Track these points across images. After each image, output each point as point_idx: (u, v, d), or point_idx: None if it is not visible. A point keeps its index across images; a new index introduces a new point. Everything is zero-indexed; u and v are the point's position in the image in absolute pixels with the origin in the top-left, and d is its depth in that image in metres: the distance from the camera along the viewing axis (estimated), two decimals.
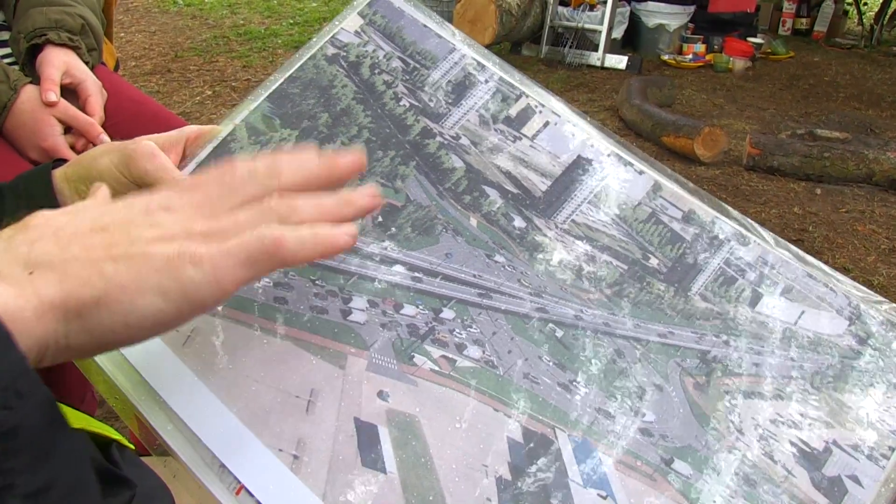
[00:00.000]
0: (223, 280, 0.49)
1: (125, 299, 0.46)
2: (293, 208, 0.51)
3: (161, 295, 0.47)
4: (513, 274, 0.62)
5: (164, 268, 0.47)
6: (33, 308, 0.43)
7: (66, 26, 1.33)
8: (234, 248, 0.49)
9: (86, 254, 0.46)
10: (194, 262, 0.48)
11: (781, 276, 0.65)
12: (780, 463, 0.57)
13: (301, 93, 0.68)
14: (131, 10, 6.16)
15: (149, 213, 0.50)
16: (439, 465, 0.53)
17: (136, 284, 0.46)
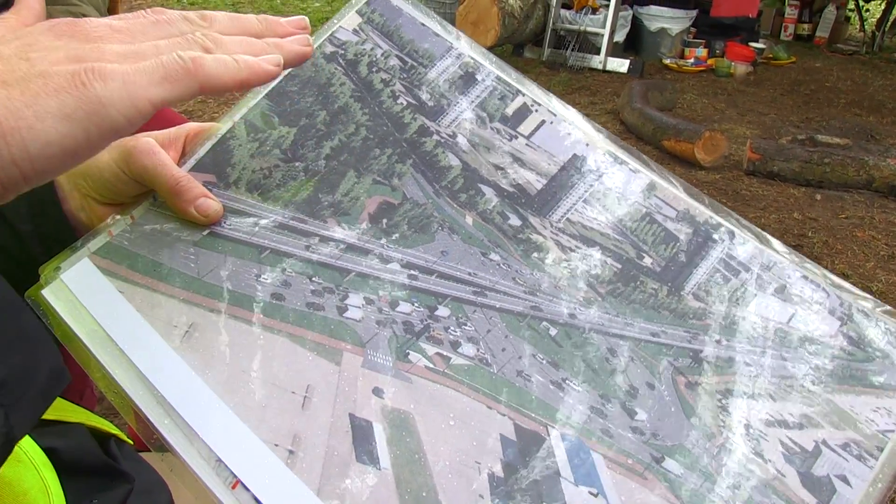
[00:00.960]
0: (136, 97, 0.47)
1: (23, 126, 0.44)
2: (218, 41, 0.51)
3: (64, 118, 0.45)
4: (507, 272, 0.63)
5: (66, 86, 0.45)
6: None
7: None
8: (149, 66, 0.47)
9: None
10: (102, 77, 0.46)
11: (774, 277, 0.65)
12: (771, 462, 0.58)
13: (299, 90, 0.69)
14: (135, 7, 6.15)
15: (57, 36, 0.48)
16: (433, 462, 0.53)
17: (31, 109, 0.44)
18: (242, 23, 0.54)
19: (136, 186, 0.63)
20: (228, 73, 0.49)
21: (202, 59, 0.48)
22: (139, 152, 0.62)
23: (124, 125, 0.47)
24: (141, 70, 0.47)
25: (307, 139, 0.67)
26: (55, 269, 0.59)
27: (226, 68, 0.49)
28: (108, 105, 0.46)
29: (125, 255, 0.60)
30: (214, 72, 0.49)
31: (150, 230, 0.62)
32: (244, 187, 0.64)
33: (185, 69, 0.48)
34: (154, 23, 0.51)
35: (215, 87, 0.50)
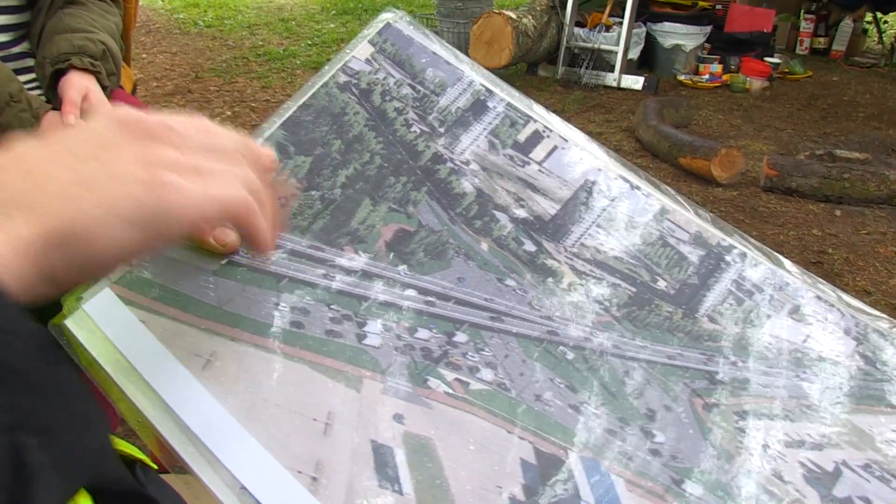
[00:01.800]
0: (197, 218, 0.49)
1: (97, 230, 0.45)
2: (259, 191, 0.53)
3: (132, 224, 0.46)
4: (524, 297, 0.63)
5: (139, 194, 0.46)
6: (13, 248, 0.42)
7: (88, 52, 1.37)
8: (218, 193, 0.49)
9: (57, 183, 0.45)
10: (177, 191, 0.47)
11: (788, 297, 0.66)
12: (791, 483, 0.58)
13: (314, 120, 0.70)
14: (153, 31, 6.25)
15: (125, 133, 0.49)
16: (454, 487, 0.54)
17: (106, 214, 0.45)
18: (270, 158, 0.57)
19: None
20: (264, 231, 0.52)
21: (255, 210, 0.51)
22: None
23: (177, 238, 0.50)
24: (209, 195, 0.49)
25: (323, 168, 0.68)
26: (77, 299, 0.60)
27: (265, 227, 0.52)
28: (172, 219, 0.48)
29: (145, 284, 0.61)
30: (260, 225, 0.52)
31: (170, 259, 0.62)
32: None
33: (245, 210, 0.51)
34: (208, 135, 0.53)
35: (253, 235, 0.53)
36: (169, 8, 7.26)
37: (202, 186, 0.49)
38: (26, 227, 0.43)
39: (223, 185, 0.50)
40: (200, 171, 0.50)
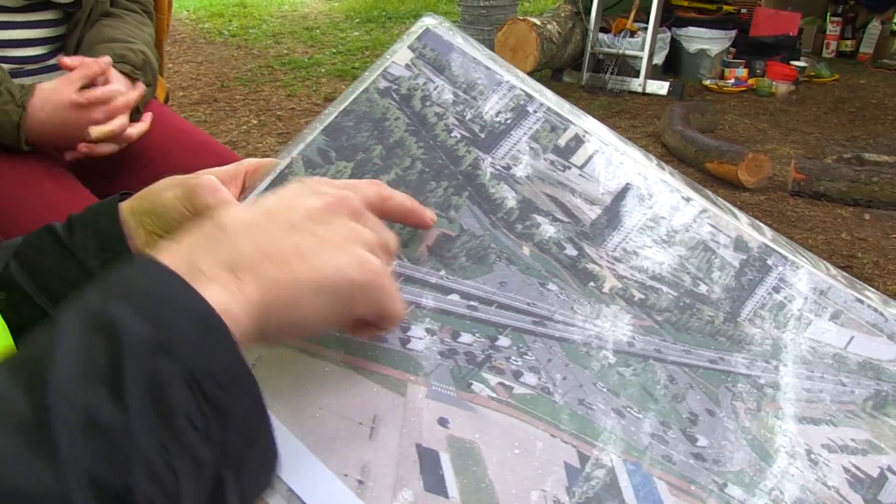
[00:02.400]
0: (388, 306, 0.54)
1: (310, 299, 0.50)
2: None
3: (339, 298, 0.51)
4: (566, 302, 0.63)
5: (351, 273, 0.51)
6: (239, 305, 0.46)
7: (129, 61, 1.40)
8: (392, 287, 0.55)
9: (280, 253, 0.50)
10: (376, 273, 0.53)
11: (830, 301, 0.65)
12: (834, 488, 0.57)
13: (355, 126, 0.70)
14: (178, 41, 6.30)
15: (329, 211, 0.54)
16: (500, 490, 0.54)
17: (318, 286, 0.50)
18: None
19: None
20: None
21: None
22: (202, 189, 0.64)
23: (360, 316, 0.54)
24: (391, 288, 0.55)
25: (364, 173, 0.68)
26: None
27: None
28: (371, 299, 0.53)
29: None
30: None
31: None
32: None
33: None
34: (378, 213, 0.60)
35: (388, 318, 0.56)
36: (194, 18, 7.32)
37: (388, 271, 0.55)
38: (254, 290, 0.48)
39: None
40: (374, 249, 0.55)
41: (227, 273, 0.48)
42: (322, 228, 0.52)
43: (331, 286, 0.50)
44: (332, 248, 0.51)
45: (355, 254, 0.52)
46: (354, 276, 0.51)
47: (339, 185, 0.58)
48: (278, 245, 0.50)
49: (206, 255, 0.48)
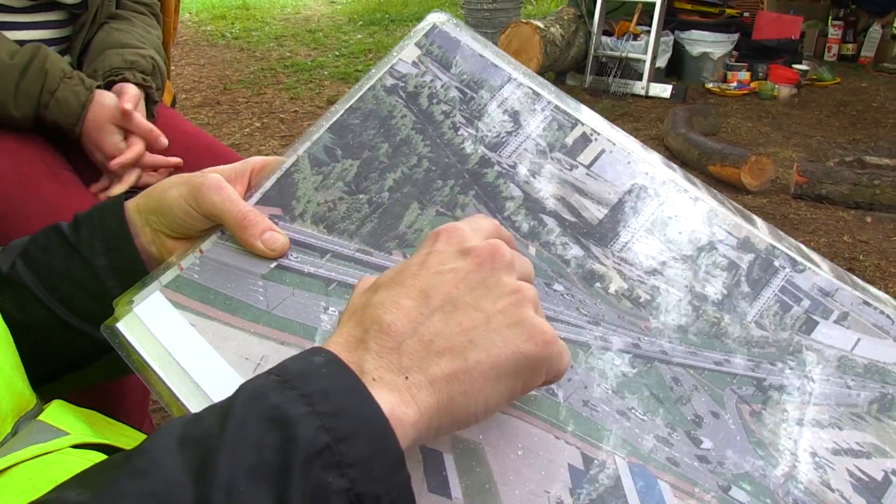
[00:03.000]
0: (563, 370, 0.53)
1: (488, 387, 0.48)
2: None
3: (517, 376, 0.49)
4: (571, 302, 0.63)
5: (525, 348, 0.49)
6: (412, 415, 0.45)
7: (140, 67, 1.41)
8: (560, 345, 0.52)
9: (448, 345, 0.47)
10: (553, 339, 0.50)
11: (836, 304, 0.65)
12: (838, 492, 0.57)
13: (361, 123, 0.70)
14: (181, 43, 6.30)
15: (484, 271, 0.51)
16: (503, 492, 0.54)
17: (496, 371, 0.48)
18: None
19: (204, 221, 0.65)
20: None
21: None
22: (207, 188, 0.64)
23: (538, 386, 0.52)
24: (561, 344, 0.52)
25: (370, 171, 0.68)
26: (128, 303, 0.61)
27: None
28: (549, 369, 0.51)
29: (196, 288, 0.61)
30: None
31: (219, 263, 0.63)
32: (309, 220, 0.65)
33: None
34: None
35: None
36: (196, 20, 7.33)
37: (558, 339, 0.52)
38: (427, 395, 0.46)
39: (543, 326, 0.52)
40: (538, 306, 0.53)
41: (398, 377, 0.46)
42: (483, 298, 0.50)
43: (509, 367, 0.48)
44: (501, 323, 0.49)
45: (527, 324, 0.49)
46: (531, 351, 0.49)
47: (472, 228, 0.55)
48: (444, 333, 0.48)
49: (372, 357, 0.46)
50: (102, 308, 0.62)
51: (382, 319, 0.48)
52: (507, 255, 0.52)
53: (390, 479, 0.42)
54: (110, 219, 0.68)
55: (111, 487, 0.38)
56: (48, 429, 0.57)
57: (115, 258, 0.67)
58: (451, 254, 0.52)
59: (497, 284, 0.50)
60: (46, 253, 0.68)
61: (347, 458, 0.40)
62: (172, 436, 0.41)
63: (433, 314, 0.48)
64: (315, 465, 0.40)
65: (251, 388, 0.43)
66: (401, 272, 0.52)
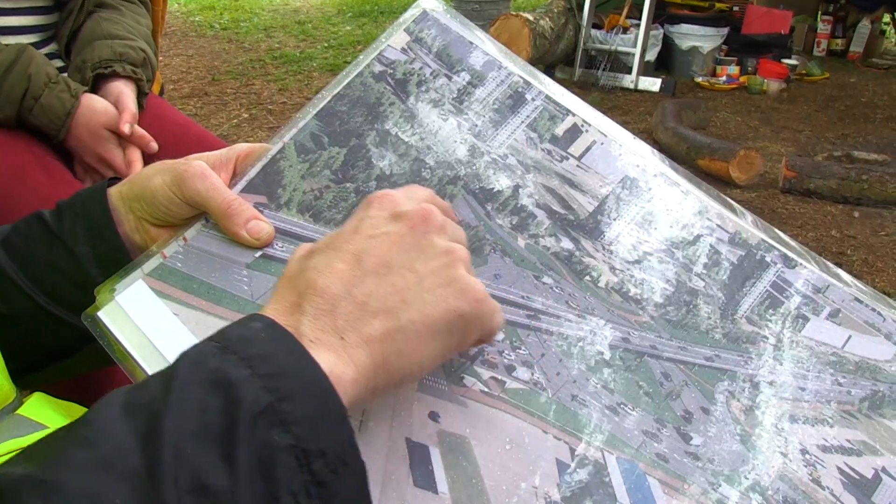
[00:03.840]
0: (497, 327, 0.54)
1: (422, 345, 0.49)
2: None
3: (450, 334, 0.50)
4: (560, 296, 0.62)
5: (458, 305, 0.50)
6: (351, 374, 0.46)
7: (129, 59, 1.40)
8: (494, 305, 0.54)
9: (382, 304, 0.48)
10: (484, 297, 0.52)
11: (828, 300, 0.65)
12: (828, 489, 0.57)
13: (349, 110, 0.69)
14: (169, 34, 6.26)
15: (417, 233, 0.52)
16: (490, 487, 0.53)
17: (430, 330, 0.49)
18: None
19: (188, 209, 0.64)
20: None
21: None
22: (191, 176, 0.63)
23: (472, 345, 0.54)
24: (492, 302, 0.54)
25: (357, 160, 0.67)
26: (110, 291, 0.60)
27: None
28: (482, 326, 0.53)
29: (179, 277, 0.60)
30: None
31: (203, 252, 0.62)
32: (295, 208, 0.64)
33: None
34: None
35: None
36: (185, 10, 7.29)
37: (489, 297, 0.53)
38: (363, 354, 0.47)
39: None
40: (469, 267, 0.54)
41: (334, 338, 0.47)
42: (416, 259, 0.51)
43: (442, 326, 0.49)
44: (434, 282, 0.50)
45: (459, 283, 0.51)
46: (464, 309, 0.50)
47: (406, 196, 0.56)
48: (377, 294, 0.49)
49: (308, 320, 0.47)
50: (85, 297, 0.62)
51: (317, 283, 0.49)
52: (439, 219, 0.54)
53: (335, 434, 0.42)
54: (93, 206, 0.67)
55: (58, 457, 0.38)
56: (27, 423, 0.56)
57: (97, 246, 0.66)
58: (383, 218, 0.53)
59: (429, 246, 0.52)
60: (28, 241, 0.67)
61: (291, 416, 0.41)
62: (116, 404, 0.41)
63: (367, 276, 0.49)
64: (260, 424, 0.40)
65: (192, 354, 0.44)
66: (335, 238, 0.53)
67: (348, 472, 0.42)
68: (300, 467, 0.40)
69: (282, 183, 0.65)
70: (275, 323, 0.46)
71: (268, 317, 0.47)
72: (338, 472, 0.41)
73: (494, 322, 0.53)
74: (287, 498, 0.39)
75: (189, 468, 0.38)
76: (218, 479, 0.38)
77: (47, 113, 1.29)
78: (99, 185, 0.69)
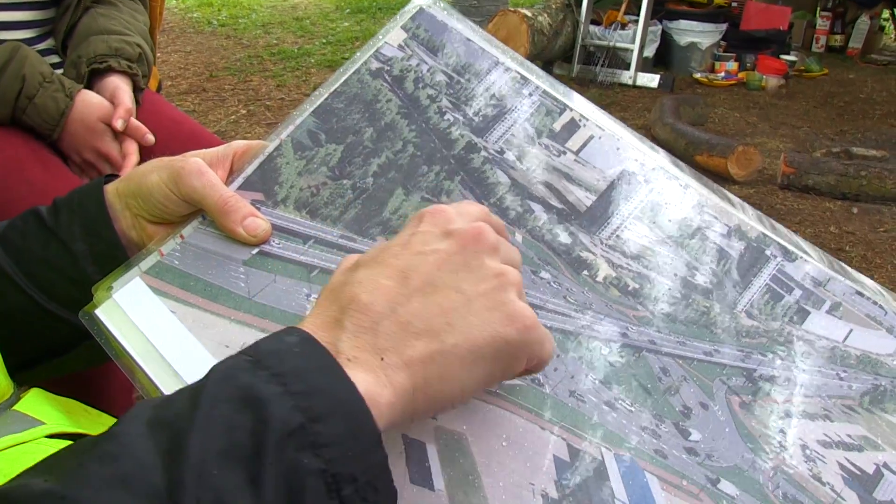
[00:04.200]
0: (547, 358, 0.52)
1: (465, 371, 0.47)
2: None
3: (495, 361, 0.48)
4: (558, 290, 0.62)
5: (504, 332, 0.48)
6: (388, 396, 0.44)
7: (125, 55, 1.40)
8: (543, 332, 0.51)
9: (425, 325, 0.47)
10: (535, 325, 0.50)
11: (829, 294, 0.64)
12: (829, 485, 0.56)
13: (346, 107, 0.69)
14: (167, 30, 6.25)
15: (467, 253, 0.50)
16: (487, 483, 0.53)
17: (474, 355, 0.47)
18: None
19: (185, 206, 0.64)
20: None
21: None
22: (188, 173, 0.63)
23: (518, 372, 0.52)
24: (545, 331, 0.51)
25: (354, 156, 0.67)
26: (108, 289, 0.60)
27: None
28: (530, 355, 0.50)
29: (176, 274, 0.60)
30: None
31: (200, 249, 0.62)
32: (292, 205, 0.64)
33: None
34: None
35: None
36: (183, 7, 7.28)
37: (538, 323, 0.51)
38: (403, 376, 0.45)
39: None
40: (521, 292, 0.52)
41: (373, 357, 0.45)
42: (464, 280, 0.49)
43: (487, 351, 0.47)
44: (481, 306, 0.48)
45: (508, 307, 0.49)
46: (511, 336, 0.48)
47: (458, 212, 0.54)
48: (422, 314, 0.47)
49: (347, 337, 0.46)
50: (82, 294, 0.61)
51: (360, 299, 0.47)
52: (492, 239, 0.51)
53: (367, 458, 0.41)
54: (90, 203, 0.67)
55: (79, 472, 0.37)
56: (23, 418, 0.56)
57: (94, 243, 0.66)
58: (434, 235, 0.51)
59: (480, 267, 0.49)
60: (25, 238, 0.67)
61: (322, 438, 0.39)
62: (142, 419, 0.40)
63: (412, 295, 0.47)
64: (289, 446, 0.39)
65: (222, 369, 0.42)
66: (382, 251, 0.51)
67: (379, 499, 0.41)
68: (329, 493, 0.39)
69: (279, 180, 0.65)
70: (311, 338, 0.45)
71: (304, 330, 0.45)
72: (367, 498, 0.40)
73: (545, 351, 0.51)
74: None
75: (213, 490, 0.37)
76: (242, 502, 0.37)
77: (41, 113, 1.28)
78: (95, 181, 0.69)
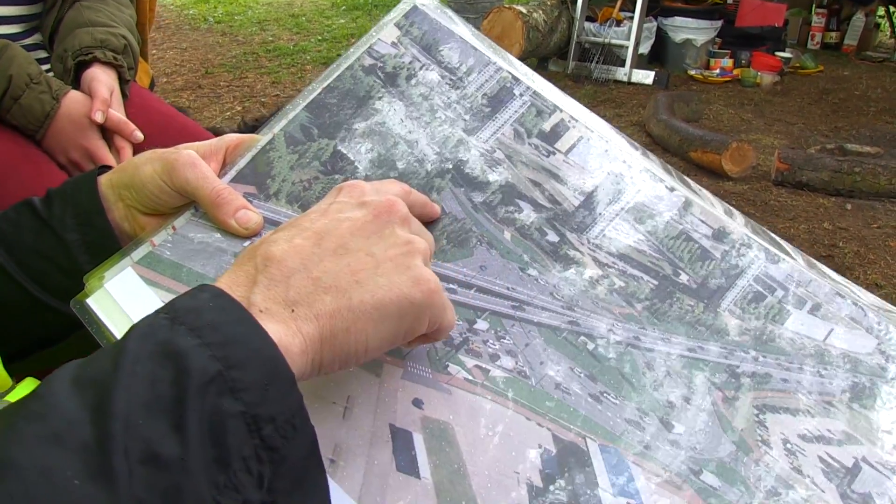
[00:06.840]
0: (452, 321, 0.54)
1: (366, 324, 0.49)
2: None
3: (400, 319, 0.51)
4: (545, 287, 0.63)
5: (410, 292, 0.51)
6: (298, 345, 0.46)
7: (110, 46, 1.38)
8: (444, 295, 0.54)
9: (335, 282, 0.49)
10: (434, 289, 0.52)
11: (810, 294, 0.65)
12: (809, 477, 0.58)
13: (338, 103, 0.69)
14: (163, 27, 6.24)
15: (379, 221, 0.53)
16: (472, 472, 0.54)
17: (379, 312, 0.49)
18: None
19: (178, 198, 0.64)
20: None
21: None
22: (181, 165, 0.63)
23: (420, 333, 0.53)
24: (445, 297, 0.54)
25: (346, 152, 0.68)
26: (99, 278, 0.60)
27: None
28: (433, 315, 0.53)
29: (168, 265, 0.61)
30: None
31: (192, 241, 0.62)
32: (284, 199, 0.65)
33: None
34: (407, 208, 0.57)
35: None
36: (179, 4, 7.26)
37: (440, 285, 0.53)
38: (312, 327, 0.47)
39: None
40: (427, 258, 0.55)
41: (284, 309, 0.47)
42: (375, 245, 0.52)
43: (392, 310, 0.50)
44: (389, 268, 0.51)
45: (413, 271, 0.51)
46: (415, 296, 0.50)
47: (375, 188, 0.57)
48: (332, 272, 0.49)
49: (260, 290, 0.48)
50: (74, 284, 0.61)
51: (274, 255, 0.50)
52: (403, 211, 0.55)
53: (284, 400, 0.43)
54: (83, 194, 0.67)
55: (8, 432, 0.38)
56: None
57: (87, 233, 0.66)
58: (350, 204, 0.54)
59: (391, 235, 0.53)
60: (17, 228, 0.67)
61: (240, 383, 0.41)
62: (65, 378, 0.41)
63: (325, 255, 0.50)
64: (209, 392, 0.40)
65: (141, 327, 0.44)
66: (300, 219, 0.54)
67: (298, 437, 0.43)
68: (250, 433, 0.40)
69: (271, 173, 0.66)
70: (223, 292, 0.46)
71: (216, 287, 0.47)
72: (287, 436, 0.42)
73: (446, 318, 0.53)
74: (238, 463, 0.40)
75: (139, 439, 0.38)
76: (169, 448, 0.38)
77: (26, 114, 1.28)
78: (89, 172, 0.69)
